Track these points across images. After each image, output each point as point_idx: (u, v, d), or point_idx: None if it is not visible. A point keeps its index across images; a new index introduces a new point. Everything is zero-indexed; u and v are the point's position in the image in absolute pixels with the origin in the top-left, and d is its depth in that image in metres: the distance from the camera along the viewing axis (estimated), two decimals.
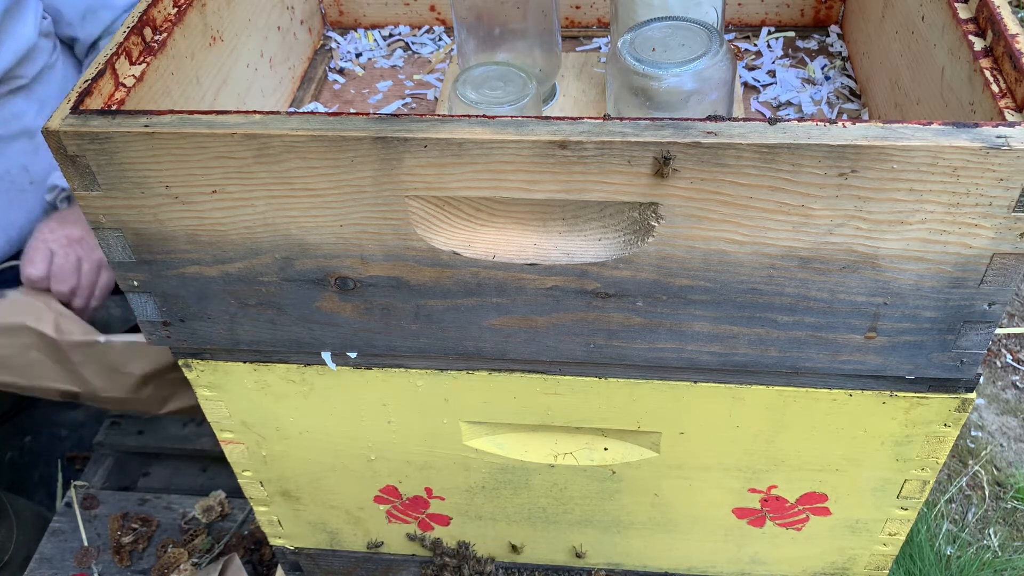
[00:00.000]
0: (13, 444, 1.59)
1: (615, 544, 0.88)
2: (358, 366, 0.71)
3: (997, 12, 0.58)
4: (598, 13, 0.96)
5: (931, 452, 0.72)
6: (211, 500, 1.22)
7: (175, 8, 0.70)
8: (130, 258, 0.63)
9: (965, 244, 0.55)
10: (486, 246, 0.61)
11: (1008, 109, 0.54)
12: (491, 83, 0.75)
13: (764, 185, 0.53)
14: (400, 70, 0.95)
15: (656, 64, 0.69)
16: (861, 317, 0.60)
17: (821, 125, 0.52)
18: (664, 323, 0.63)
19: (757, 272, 0.59)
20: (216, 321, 0.67)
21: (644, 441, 0.76)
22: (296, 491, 0.86)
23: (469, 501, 0.85)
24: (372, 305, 0.65)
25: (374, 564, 0.95)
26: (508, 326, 0.65)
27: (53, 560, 1.19)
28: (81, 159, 0.57)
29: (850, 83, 0.87)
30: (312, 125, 0.55)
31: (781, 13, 0.94)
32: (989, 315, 0.59)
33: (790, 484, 0.77)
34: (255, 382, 0.74)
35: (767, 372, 0.67)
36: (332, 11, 0.99)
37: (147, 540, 1.18)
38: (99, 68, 0.61)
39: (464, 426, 0.76)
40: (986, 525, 1.54)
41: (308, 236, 0.60)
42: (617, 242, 0.59)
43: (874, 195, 0.53)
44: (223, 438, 0.81)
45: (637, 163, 0.53)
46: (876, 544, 0.83)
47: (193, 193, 0.59)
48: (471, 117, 0.54)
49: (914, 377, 0.65)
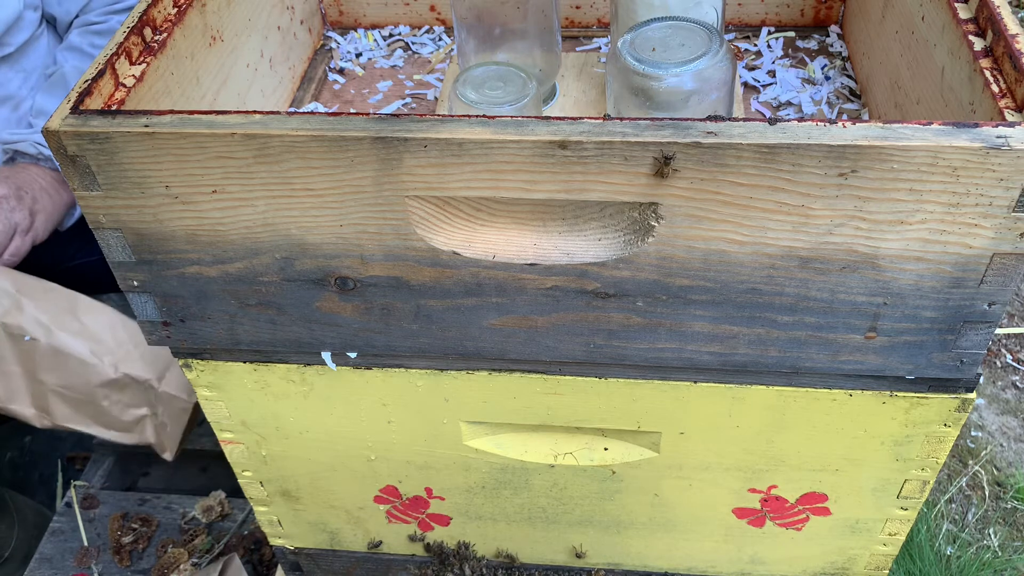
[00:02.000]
0: (13, 444, 1.59)
1: (615, 544, 0.88)
2: (358, 366, 0.71)
3: (997, 12, 0.58)
4: (598, 13, 0.96)
5: (931, 452, 0.72)
6: (211, 500, 1.22)
7: (175, 8, 0.70)
8: (130, 258, 0.63)
9: (965, 244, 0.55)
10: (486, 246, 0.60)
11: (1008, 109, 0.54)
12: (491, 83, 0.75)
13: (764, 185, 0.53)
14: (400, 70, 0.95)
15: (656, 64, 0.69)
16: (861, 317, 0.60)
17: (821, 125, 0.52)
18: (664, 323, 0.63)
19: (757, 272, 0.59)
20: (216, 321, 0.67)
21: (644, 441, 0.76)
22: (296, 491, 0.86)
23: (469, 501, 0.85)
24: (372, 305, 0.65)
25: (374, 564, 0.95)
26: (508, 326, 0.65)
27: (53, 560, 1.19)
28: (81, 159, 0.57)
29: (850, 83, 0.87)
30: (312, 125, 0.55)
31: (781, 13, 0.94)
32: (989, 315, 0.59)
33: (790, 484, 0.77)
34: (255, 382, 0.74)
35: (767, 372, 0.67)
36: (332, 11, 0.99)
37: (147, 540, 1.18)
38: (99, 68, 0.61)
39: (464, 426, 0.76)
40: (986, 525, 1.54)
41: (308, 236, 0.60)
42: (617, 242, 0.59)
43: (874, 195, 0.53)
44: (223, 438, 0.81)
45: (637, 163, 0.53)
46: (876, 544, 0.83)
47: (193, 193, 0.59)
48: (471, 117, 0.54)
49: (914, 377, 0.65)
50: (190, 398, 1.12)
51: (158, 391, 1.10)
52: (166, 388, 1.10)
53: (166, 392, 1.10)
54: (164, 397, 1.10)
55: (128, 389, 1.09)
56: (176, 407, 1.11)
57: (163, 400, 1.11)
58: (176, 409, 1.12)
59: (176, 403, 1.11)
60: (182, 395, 1.11)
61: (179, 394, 1.11)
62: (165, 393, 1.10)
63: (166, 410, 1.11)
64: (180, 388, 1.11)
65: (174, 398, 1.11)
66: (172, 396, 1.10)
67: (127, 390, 1.09)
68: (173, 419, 1.12)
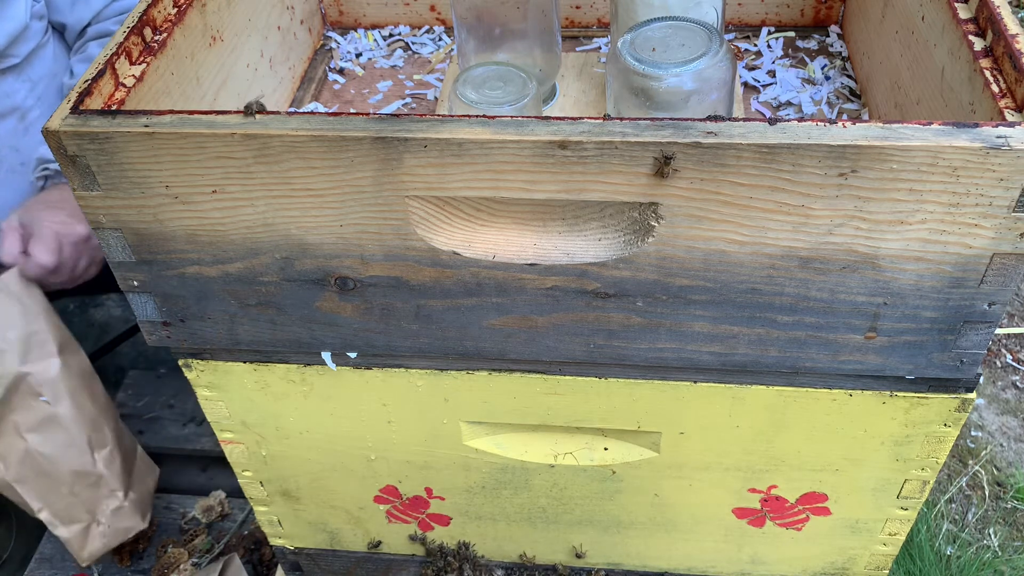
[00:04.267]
0: None
1: (615, 544, 0.88)
2: (358, 366, 0.71)
3: (997, 12, 0.58)
4: (598, 13, 0.96)
5: (931, 452, 0.72)
6: (211, 500, 1.22)
7: (175, 8, 0.70)
8: (130, 258, 0.63)
9: (965, 244, 0.55)
10: (486, 246, 0.60)
11: (1008, 109, 0.54)
12: (491, 83, 0.75)
13: (764, 185, 0.53)
14: (400, 70, 0.95)
15: (656, 64, 0.69)
16: (861, 317, 0.60)
17: (821, 125, 0.52)
18: (664, 323, 0.63)
19: (757, 272, 0.59)
20: (216, 321, 0.67)
21: (644, 441, 0.76)
22: (296, 491, 0.86)
23: (469, 501, 0.85)
24: (372, 305, 0.65)
25: (374, 564, 0.95)
26: (508, 326, 0.65)
27: (53, 560, 1.19)
28: (81, 159, 0.57)
29: (850, 83, 0.87)
30: (312, 125, 0.55)
31: (781, 13, 0.94)
32: (989, 315, 0.59)
33: (790, 484, 0.77)
34: (255, 382, 0.74)
35: (767, 372, 0.67)
36: (332, 11, 0.99)
37: (147, 540, 1.18)
38: (99, 68, 0.61)
39: (464, 426, 0.76)
40: (986, 525, 1.54)
41: (308, 236, 0.60)
42: (617, 242, 0.59)
43: (874, 195, 0.53)
44: (223, 438, 0.81)
45: (637, 163, 0.53)
46: (876, 544, 0.83)
47: (193, 193, 0.59)
48: (471, 117, 0.54)
49: (914, 377, 0.65)
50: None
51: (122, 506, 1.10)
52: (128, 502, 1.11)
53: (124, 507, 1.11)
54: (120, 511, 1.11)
55: (94, 489, 1.08)
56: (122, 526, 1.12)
57: (112, 516, 1.10)
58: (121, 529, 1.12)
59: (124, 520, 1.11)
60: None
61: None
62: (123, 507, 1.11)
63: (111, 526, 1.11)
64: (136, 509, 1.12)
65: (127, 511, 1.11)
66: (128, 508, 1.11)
67: (94, 488, 1.09)
68: (113, 537, 1.12)
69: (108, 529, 1.10)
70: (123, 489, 1.10)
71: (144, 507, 1.14)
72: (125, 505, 1.11)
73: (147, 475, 1.17)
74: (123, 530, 1.11)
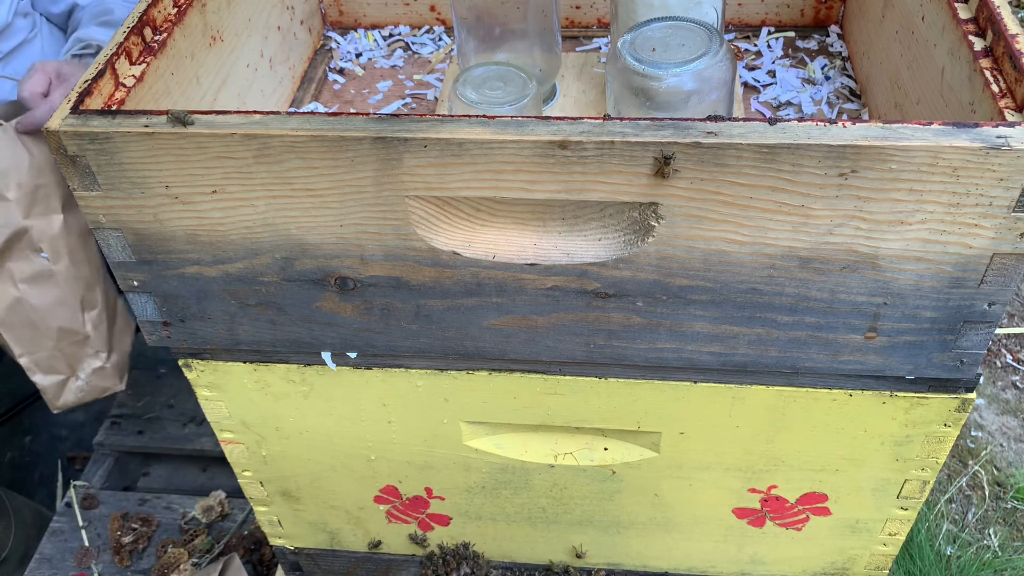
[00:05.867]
0: (13, 444, 1.60)
1: (615, 544, 0.88)
2: (358, 366, 0.71)
3: (997, 12, 0.58)
4: (598, 13, 0.96)
5: (931, 452, 0.72)
6: (211, 500, 1.22)
7: (175, 8, 0.70)
8: (130, 258, 0.63)
9: (965, 244, 0.55)
10: (486, 246, 0.61)
11: (1008, 109, 0.54)
12: (491, 83, 0.75)
13: (764, 185, 0.53)
14: (400, 70, 0.95)
15: (656, 64, 0.69)
16: (861, 317, 0.60)
17: (821, 125, 0.52)
18: (664, 323, 0.63)
19: (757, 272, 0.58)
20: (216, 321, 0.67)
21: (644, 441, 0.76)
22: (296, 491, 0.86)
23: (469, 501, 0.85)
24: (372, 305, 0.65)
25: (374, 564, 0.95)
26: (508, 326, 0.65)
27: (53, 560, 1.19)
28: (81, 159, 0.57)
29: (850, 83, 0.87)
30: (312, 125, 0.55)
31: (781, 13, 0.94)
32: (989, 315, 0.59)
33: (790, 484, 0.77)
34: (255, 382, 0.74)
35: (767, 372, 0.67)
36: (332, 11, 0.99)
37: (147, 540, 1.19)
38: (99, 68, 0.61)
39: (464, 426, 0.76)
40: (986, 525, 1.54)
41: (308, 236, 0.60)
42: (617, 242, 0.59)
43: (874, 195, 0.53)
44: (223, 438, 0.81)
45: (637, 163, 0.53)
46: (876, 544, 0.83)
47: (193, 193, 0.59)
48: (471, 117, 0.54)
49: (914, 377, 0.65)
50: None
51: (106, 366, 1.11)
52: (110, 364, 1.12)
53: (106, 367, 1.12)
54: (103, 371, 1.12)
55: (79, 347, 1.09)
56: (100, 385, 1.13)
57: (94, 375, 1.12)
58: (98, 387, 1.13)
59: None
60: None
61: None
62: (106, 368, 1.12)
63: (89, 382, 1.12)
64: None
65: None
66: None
67: (79, 347, 1.09)
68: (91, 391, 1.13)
69: (86, 385, 1.12)
70: (107, 351, 1.11)
71: (122, 368, 1.15)
72: (107, 367, 1.12)
73: (126, 333, 1.17)
74: (100, 388, 1.13)
